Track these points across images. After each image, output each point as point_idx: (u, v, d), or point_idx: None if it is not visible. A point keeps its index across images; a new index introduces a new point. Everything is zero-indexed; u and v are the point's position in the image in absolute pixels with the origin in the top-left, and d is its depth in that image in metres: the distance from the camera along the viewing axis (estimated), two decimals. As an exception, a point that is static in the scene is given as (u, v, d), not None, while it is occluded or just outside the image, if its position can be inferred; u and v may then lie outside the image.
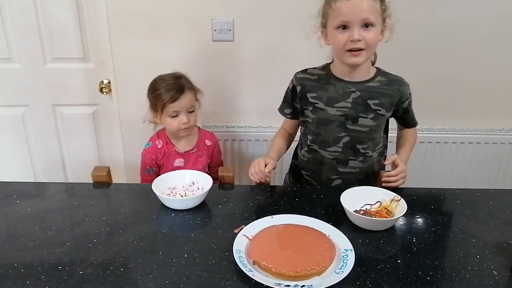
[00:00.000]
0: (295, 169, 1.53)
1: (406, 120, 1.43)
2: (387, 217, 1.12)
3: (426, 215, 1.18)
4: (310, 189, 1.37)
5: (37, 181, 2.16)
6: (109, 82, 2.07)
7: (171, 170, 1.46)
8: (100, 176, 1.33)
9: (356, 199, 1.16)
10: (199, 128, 1.72)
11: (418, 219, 1.16)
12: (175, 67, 1.61)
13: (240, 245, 1.00)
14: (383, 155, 1.46)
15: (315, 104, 1.35)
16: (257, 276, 0.90)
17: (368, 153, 1.38)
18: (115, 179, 1.39)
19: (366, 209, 1.17)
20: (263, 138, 2.04)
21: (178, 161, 1.63)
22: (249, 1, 1.89)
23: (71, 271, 0.94)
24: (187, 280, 0.91)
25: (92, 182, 1.33)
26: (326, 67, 1.37)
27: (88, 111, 2.15)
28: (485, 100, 2.08)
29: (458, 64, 2.00)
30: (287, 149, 1.51)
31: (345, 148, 1.36)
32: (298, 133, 1.52)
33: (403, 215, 1.08)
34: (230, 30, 1.94)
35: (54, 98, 2.10)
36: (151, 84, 1.58)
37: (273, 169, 1.33)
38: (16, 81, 2.06)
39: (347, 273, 0.91)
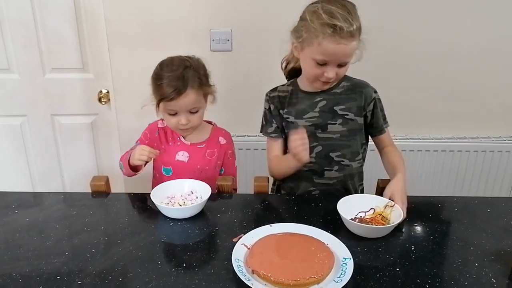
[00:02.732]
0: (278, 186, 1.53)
1: (373, 125, 1.38)
2: (383, 224, 1.12)
3: (424, 223, 1.18)
4: (308, 197, 1.37)
5: (35, 191, 2.16)
6: (107, 92, 2.08)
7: (171, 164, 1.43)
8: (98, 186, 1.33)
9: (350, 207, 1.16)
10: (213, 124, 1.53)
11: (417, 227, 1.16)
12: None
13: (239, 254, 1.00)
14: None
15: (287, 119, 1.38)
16: (256, 285, 0.90)
17: (343, 161, 1.37)
18: (114, 189, 1.39)
19: (361, 216, 1.18)
20: (262, 147, 2.04)
21: (182, 154, 1.44)
22: (247, 11, 1.91)
23: (69, 281, 0.94)
24: (186, 289, 0.91)
25: (90, 191, 1.33)
26: (294, 82, 1.40)
27: (86, 120, 2.16)
28: (482, 109, 2.10)
29: (455, 72, 2.02)
30: None
31: (319, 158, 1.37)
32: None
33: (401, 223, 1.09)
34: (228, 40, 1.95)
35: (53, 108, 2.11)
36: (158, 65, 1.36)
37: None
38: (15, 92, 2.06)
39: (346, 282, 0.91)
